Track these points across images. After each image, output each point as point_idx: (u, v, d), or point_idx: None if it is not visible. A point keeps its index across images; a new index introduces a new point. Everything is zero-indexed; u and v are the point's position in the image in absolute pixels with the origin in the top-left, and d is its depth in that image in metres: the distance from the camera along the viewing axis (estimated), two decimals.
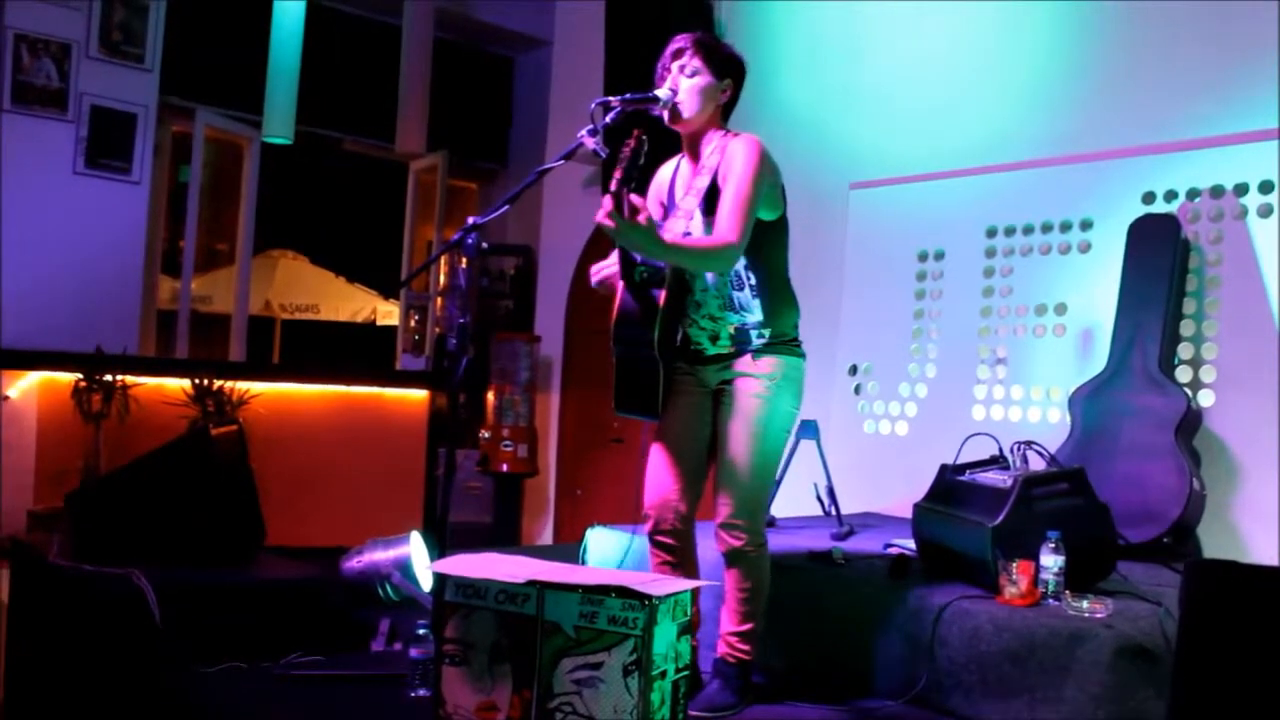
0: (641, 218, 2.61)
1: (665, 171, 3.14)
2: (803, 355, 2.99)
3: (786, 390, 2.92)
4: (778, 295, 2.94)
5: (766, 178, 2.85)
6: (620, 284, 2.96)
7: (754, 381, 2.90)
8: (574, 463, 7.08)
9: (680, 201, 2.97)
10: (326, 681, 3.04)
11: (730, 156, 2.87)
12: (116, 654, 3.15)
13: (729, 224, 2.77)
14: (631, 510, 3.21)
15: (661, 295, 2.89)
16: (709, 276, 2.93)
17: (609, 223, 2.56)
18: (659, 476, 3.02)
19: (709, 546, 3.04)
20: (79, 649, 3.19)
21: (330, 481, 5.35)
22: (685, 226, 2.93)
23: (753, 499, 2.90)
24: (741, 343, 2.92)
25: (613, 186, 2.59)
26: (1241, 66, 4.03)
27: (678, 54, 2.93)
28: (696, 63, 2.90)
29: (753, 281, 2.90)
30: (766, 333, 2.91)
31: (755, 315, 2.91)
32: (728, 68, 2.95)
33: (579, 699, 2.41)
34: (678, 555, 3.02)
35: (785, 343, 2.94)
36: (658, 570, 3.04)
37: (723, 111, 2.99)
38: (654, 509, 3.01)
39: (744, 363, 2.92)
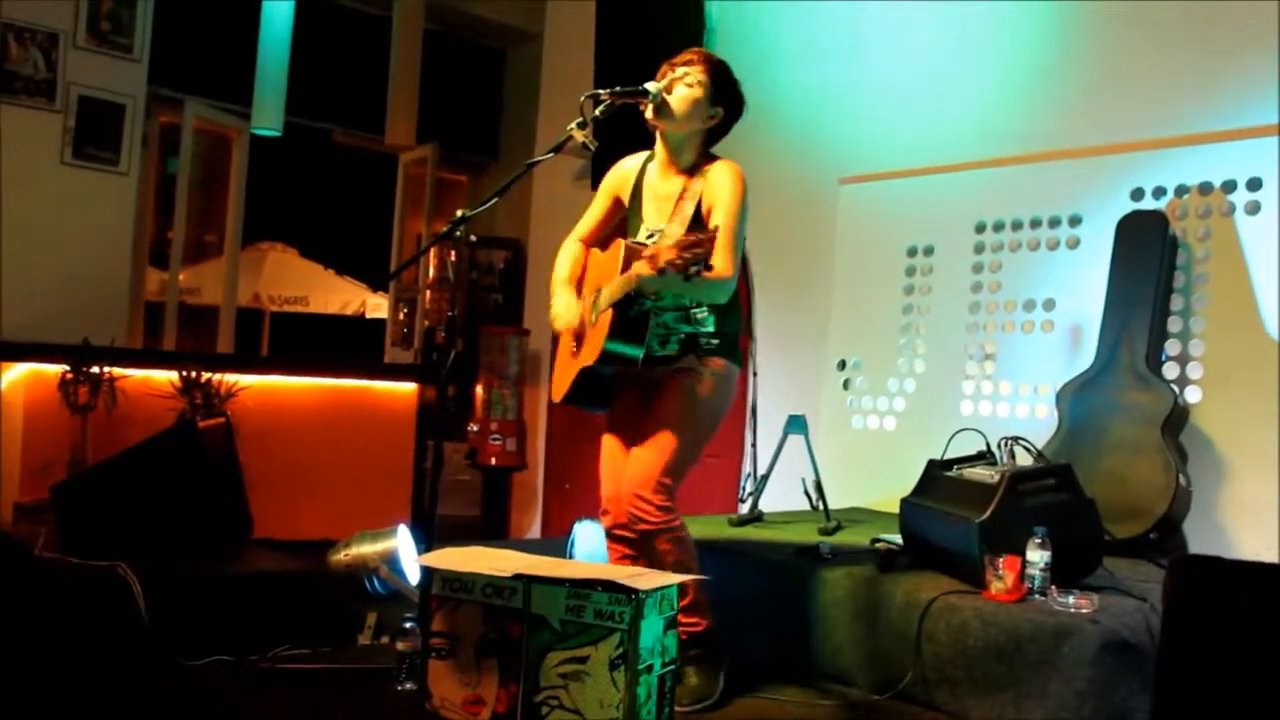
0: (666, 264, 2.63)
1: (629, 168, 3.17)
2: (740, 363, 3.10)
3: (725, 388, 3.04)
4: (728, 307, 3.03)
5: (748, 207, 2.95)
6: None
7: (698, 375, 2.98)
8: (562, 456, 7.07)
9: (667, 227, 2.98)
10: (313, 675, 3.04)
11: (715, 184, 2.94)
12: (102, 647, 3.13)
13: (726, 260, 2.82)
14: None
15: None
16: None
17: (654, 274, 2.61)
18: (614, 473, 3.09)
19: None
20: (65, 642, 3.18)
21: (318, 474, 5.33)
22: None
23: (671, 477, 2.92)
24: (690, 347, 3.00)
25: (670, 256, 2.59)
26: (1231, 64, 4.04)
27: (687, 62, 2.96)
28: (701, 76, 2.95)
29: None
30: (715, 343, 3.01)
31: (707, 327, 3.01)
32: (726, 97, 3.00)
33: (565, 692, 2.42)
34: (636, 548, 3.07)
35: (729, 345, 3.05)
36: (617, 564, 3.06)
37: (708, 137, 3.03)
38: (613, 503, 3.06)
39: (690, 360, 2.99)
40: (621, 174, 3.18)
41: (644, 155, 3.15)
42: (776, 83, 5.48)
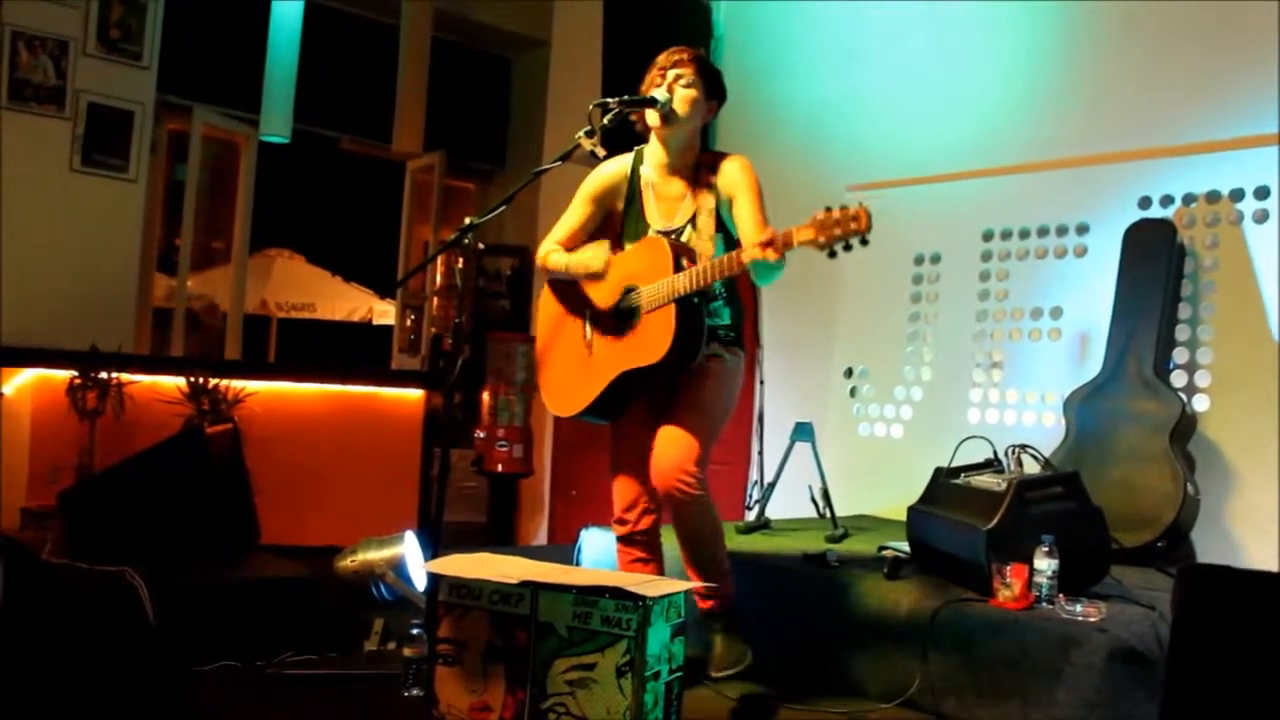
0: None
1: (615, 173, 3.16)
2: (745, 353, 3.20)
3: (739, 375, 3.13)
4: (737, 301, 3.11)
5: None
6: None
7: (722, 361, 3.06)
8: (569, 463, 7.05)
9: (699, 222, 3.01)
10: (320, 681, 3.04)
11: (729, 177, 3.00)
12: (110, 652, 3.14)
13: None
14: None
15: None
16: None
17: (780, 258, 2.74)
18: (628, 479, 3.14)
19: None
20: (72, 647, 3.18)
21: (325, 481, 5.33)
22: (711, 249, 3.00)
23: (701, 451, 2.97)
24: (711, 337, 3.03)
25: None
26: (1238, 72, 4.03)
27: (677, 64, 2.99)
28: (694, 76, 3.00)
29: (723, 293, 3.07)
30: (732, 334, 3.08)
31: (724, 320, 3.06)
32: (716, 91, 3.08)
33: (572, 699, 2.41)
34: (651, 551, 3.13)
35: (740, 336, 3.13)
36: (629, 568, 3.08)
37: (701, 132, 3.11)
38: (631, 513, 3.12)
39: (714, 348, 3.04)
40: (608, 180, 3.17)
41: (625, 160, 3.16)
42: (783, 89, 5.49)
